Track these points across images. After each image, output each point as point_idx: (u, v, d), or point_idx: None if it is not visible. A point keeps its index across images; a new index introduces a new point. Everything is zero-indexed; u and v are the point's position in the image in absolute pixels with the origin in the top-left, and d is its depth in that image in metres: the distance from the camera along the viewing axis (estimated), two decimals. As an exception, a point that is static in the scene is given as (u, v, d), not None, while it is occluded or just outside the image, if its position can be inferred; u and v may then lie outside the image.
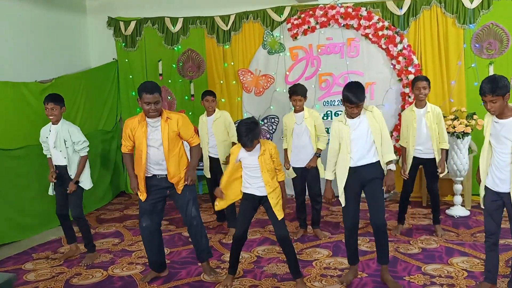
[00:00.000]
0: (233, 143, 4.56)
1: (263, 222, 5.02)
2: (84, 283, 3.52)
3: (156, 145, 3.25)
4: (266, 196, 3.19)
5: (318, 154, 4.28)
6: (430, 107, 4.19)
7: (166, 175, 3.31)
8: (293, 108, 4.41)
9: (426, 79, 4.22)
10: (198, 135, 3.91)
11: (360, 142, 3.14)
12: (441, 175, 4.19)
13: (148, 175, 3.33)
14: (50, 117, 3.82)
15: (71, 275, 3.68)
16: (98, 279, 3.58)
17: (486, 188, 2.97)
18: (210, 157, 4.70)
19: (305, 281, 3.36)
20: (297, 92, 4.25)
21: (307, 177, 4.34)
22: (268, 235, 4.56)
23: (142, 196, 3.34)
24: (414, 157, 4.20)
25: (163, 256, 3.60)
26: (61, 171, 3.89)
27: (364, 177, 3.16)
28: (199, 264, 3.62)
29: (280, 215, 3.19)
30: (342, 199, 3.24)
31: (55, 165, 3.91)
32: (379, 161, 3.18)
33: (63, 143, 3.83)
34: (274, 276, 3.50)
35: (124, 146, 3.38)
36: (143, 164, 3.26)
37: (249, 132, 3.03)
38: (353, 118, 3.16)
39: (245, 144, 3.07)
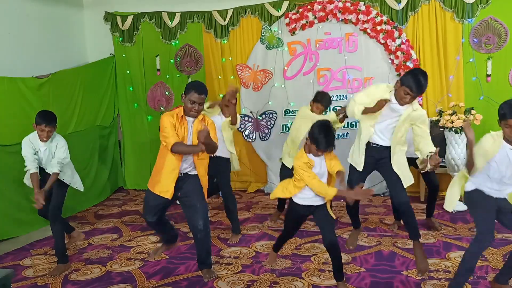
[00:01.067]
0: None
1: (261, 218, 5.03)
2: (82, 278, 3.52)
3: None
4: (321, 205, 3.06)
5: None
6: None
7: (183, 173, 3.27)
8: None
9: None
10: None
11: None
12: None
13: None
14: (44, 139, 3.58)
15: (70, 270, 3.68)
16: (96, 274, 3.58)
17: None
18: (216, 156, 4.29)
19: (303, 276, 3.37)
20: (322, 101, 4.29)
21: None
22: (266, 230, 4.57)
23: (170, 194, 3.21)
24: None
25: (174, 230, 3.70)
26: (45, 175, 3.71)
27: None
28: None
29: (333, 216, 3.16)
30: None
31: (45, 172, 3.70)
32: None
33: (50, 157, 3.66)
34: (272, 271, 3.51)
35: (173, 138, 3.12)
36: (179, 160, 3.20)
37: (328, 134, 2.87)
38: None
39: (325, 149, 2.90)
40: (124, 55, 6.63)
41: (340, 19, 5.84)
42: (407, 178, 3.41)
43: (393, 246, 3.94)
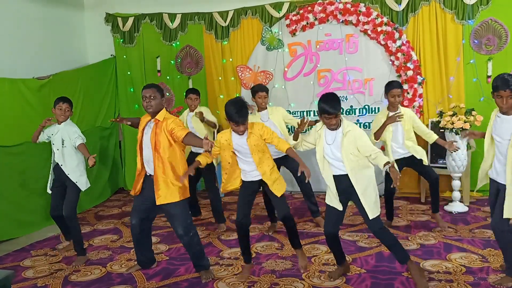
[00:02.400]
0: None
1: (261, 219, 5.02)
2: (83, 279, 3.51)
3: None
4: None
5: None
6: (402, 110, 4.18)
7: (149, 174, 3.39)
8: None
9: (400, 86, 4.23)
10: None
11: None
12: (455, 150, 4.09)
13: (147, 174, 3.42)
14: (61, 117, 3.88)
15: (70, 271, 3.68)
16: (97, 275, 3.58)
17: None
18: (193, 153, 4.68)
19: (304, 277, 3.37)
20: (262, 88, 4.40)
21: (292, 170, 4.42)
22: (266, 231, 4.56)
23: (134, 191, 3.45)
24: (396, 160, 4.19)
25: (152, 254, 3.69)
26: (59, 171, 3.88)
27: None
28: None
29: (278, 193, 3.27)
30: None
31: (56, 163, 3.91)
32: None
33: (60, 142, 3.86)
34: (273, 272, 3.50)
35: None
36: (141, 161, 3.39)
37: (240, 109, 3.04)
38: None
39: (237, 121, 3.06)
40: (124, 56, 6.64)
41: (341, 21, 5.85)
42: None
43: (393, 247, 3.93)
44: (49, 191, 4.00)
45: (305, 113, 6.07)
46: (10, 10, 5.32)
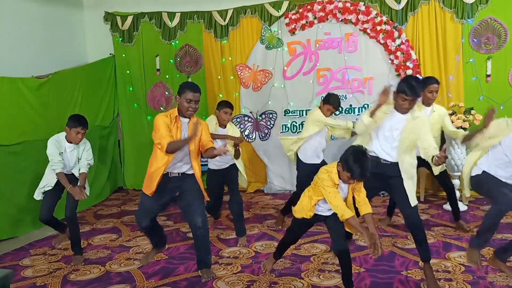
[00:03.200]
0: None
1: (261, 218, 5.02)
2: (81, 279, 3.51)
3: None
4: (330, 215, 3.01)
5: None
6: (436, 107, 4.23)
7: (180, 173, 3.29)
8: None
9: (438, 82, 4.21)
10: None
11: None
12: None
13: (174, 173, 3.27)
14: (78, 141, 3.78)
15: (69, 271, 3.68)
16: (96, 275, 3.58)
17: None
18: (211, 169, 4.34)
19: (303, 276, 3.37)
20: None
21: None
22: (266, 230, 4.57)
23: (151, 191, 3.22)
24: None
25: (163, 231, 3.69)
26: (70, 178, 3.82)
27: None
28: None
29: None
30: None
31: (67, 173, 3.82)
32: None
33: (76, 160, 3.85)
34: (272, 271, 3.50)
35: (166, 139, 3.09)
36: (168, 161, 3.17)
37: (367, 162, 2.70)
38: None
39: (358, 179, 2.77)
40: (124, 55, 6.63)
41: (340, 19, 5.84)
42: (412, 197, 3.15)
43: (392, 246, 3.94)
44: (39, 198, 3.91)
45: (304, 112, 6.07)
46: (9, 9, 5.31)
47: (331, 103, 4.26)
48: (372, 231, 2.79)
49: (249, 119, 6.29)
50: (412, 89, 3.00)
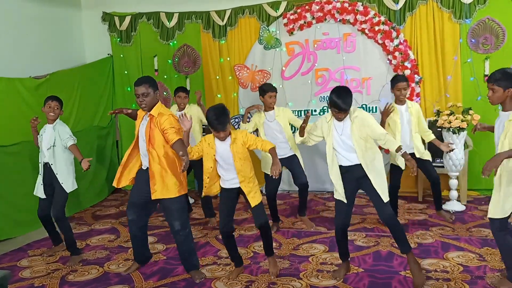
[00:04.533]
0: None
1: (259, 218, 5.01)
2: (80, 279, 3.50)
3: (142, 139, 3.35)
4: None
5: None
6: (410, 104, 4.31)
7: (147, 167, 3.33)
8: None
9: (406, 79, 4.28)
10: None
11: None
12: (451, 149, 4.14)
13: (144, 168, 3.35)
14: (50, 114, 3.81)
15: (67, 271, 3.67)
16: (94, 275, 3.57)
17: None
18: None
19: (301, 276, 3.37)
20: (271, 88, 4.42)
21: (291, 168, 4.43)
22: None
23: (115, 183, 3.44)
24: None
25: (148, 252, 3.67)
26: (49, 169, 3.84)
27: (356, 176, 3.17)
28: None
29: (253, 202, 3.23)
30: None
31: (45, 163, 3.86)
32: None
33: (52, 142, 3.82)
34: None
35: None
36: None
37: (219, 116, 3.03)
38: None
39: (216, 128, 3.05)
40: (122, 56, 6.62)
41: (338, 20, 5.85)
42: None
43: (391, 247, 3.94)
44: (41, 195, 3.90)
45: (302, 112, 6.07)
46: (7, 8, 5.29)
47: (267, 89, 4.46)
48: (275, 163, 3.09)
49: (248, 120, 6.27)
50: (343, 102, 2.99)
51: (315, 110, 6.05)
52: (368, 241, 4.11)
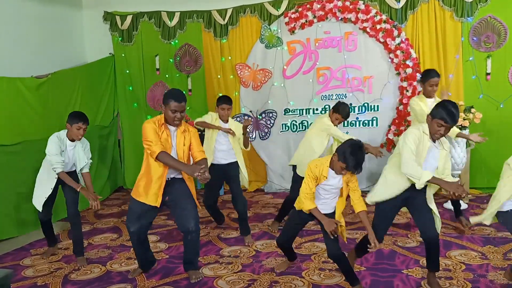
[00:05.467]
0: None
1: (261, 217, 5.02)
2: (82, 278, 3.51)
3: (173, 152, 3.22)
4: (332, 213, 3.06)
5: None
6: (438, 100, 4.20)
7: (170, 178, 3.26)
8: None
9: (439, 75, 4.21)
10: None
11: None
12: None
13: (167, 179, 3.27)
14: (79, 137, 3.72)
15: (70, 270, 3.68)
16: (96, 274, 3.58)
17: None
18: (214, 164, 4.23)
19: (303, 275, 3.37)
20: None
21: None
22: (266, 229, 4.56)
23: (158, 202, 3.20)
24: None
25: (151, 255, 3.63)
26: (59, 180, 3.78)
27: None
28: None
29: (344, 237, 3.11)
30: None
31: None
32: None
33: (77, 159, 3.80)
34: (272, 270, 3.50)
35: (157, 146, 3.08)
36: (166, 168, 3.17)
37: (362, 155, 2.77)
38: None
39: (354, 171, 2.82)
40: (123, 55, 6.63)
41: (340, 18, 5.84)
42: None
43: (393, 245, 3.94)
44: (39, 208, 3.82)
45: (304, 111, 6.07)
46: (8, 8, 5.30)
47: (340, 112, 4.12)
48: (367, 228, 2.91)
49: (249, 118, 6.29)
50: (452, 116, 2.82)
51: (316, 109, 6.05)
52: (370, 239, 4.10)
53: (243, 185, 4.44)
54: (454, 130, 4.26)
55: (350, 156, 2.73)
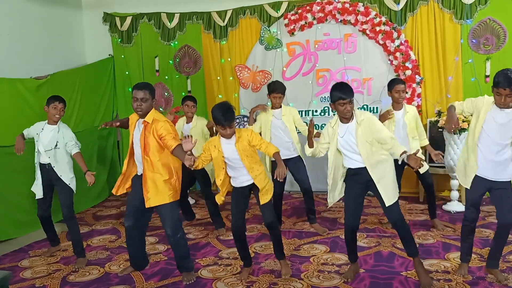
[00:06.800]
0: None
1: (260, 218, 5.01)
2: (81, 280, 3.50)
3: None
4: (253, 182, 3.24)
5: None
6: (408, 108, 4.25)
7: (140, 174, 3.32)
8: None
9: (403, 82, 4.27)
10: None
11: None
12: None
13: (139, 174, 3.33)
14: (56, 116, 3.80)
15: (68, 272, 3.67)
16: (95, 276, 3.57)
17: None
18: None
19: (303, 277, 3.37)
20: (276, 89, 4.32)
21: (294, 171, 4.38)
22: (265, 231, 4.55)
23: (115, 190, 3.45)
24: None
25: (145, 258, 3.64)
26: (48, 170, 3.82)
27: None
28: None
29: (263, 200, 3.25)
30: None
31: (41, 163, 3.85)
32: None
33: (53, 143, 3.79)
34: (271, 272, 3.50)
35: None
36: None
37: (225, 112, 3.04)
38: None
39: (223, 124, 3.05)
40: (123, 56, 6.63)
41: (339, 20, 5.85)
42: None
43: (392, 247, 3.94)
44: (39, 195, 3.87)
45: (303, 112, 6.07)
46: (8, 9, 5.30)
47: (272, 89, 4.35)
48: (280, 167, 3.10)
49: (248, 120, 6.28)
50: (347, 92, 3.00)
51: (316, 111, 6.05)
52: (370, 241, 4.10)
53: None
54: (424, 141, 4.31)
55: (219, 113, 3.03)
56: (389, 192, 3.08)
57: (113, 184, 6.46)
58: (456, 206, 5.00)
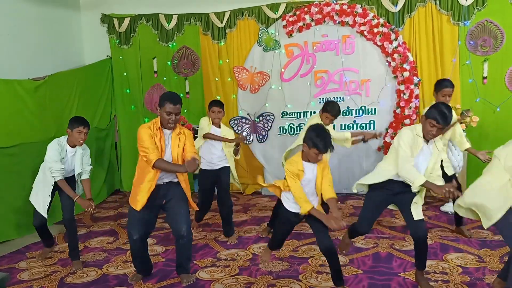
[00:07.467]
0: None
1: (258, 220, 5.01)
2: (78, 281, 3.49)
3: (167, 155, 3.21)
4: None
5: None
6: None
7: (165, 182, 3.26)
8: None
9: (452, 85, 4.08)
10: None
11: None
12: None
13: (159, 183, 3.24)
14: (80, 142, 3.65)
15: (65, 273, 3.66)
16: (92, 277, 3.56)
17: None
18: (203, 170, 4.33)
19: (301, 278, 3.37)
20: (328, 110, 4.10)
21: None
22: (261, 233, 4.55)
23: (139, 206, 3.18)
24: None
25: (150, 262, 3.62)
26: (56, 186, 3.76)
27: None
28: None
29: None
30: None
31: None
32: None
33: (78, 165, 3.77)
34: (269, 273, 3.49)
35: (154, 154, 3.06)
36: (157, 174, 3.16)
37: (326, 138, 2.83)
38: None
39: (322, 151, 2.84)
40: (121, 57, 6.62)
41: (337, 22, 5.86)
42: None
43: (390, 248, 3.94)
44: (44, 214, 3.77)
45: (301, 114, 6.08)
46: (5, 10, 5.29)
47: (328, 111, 4.10)
48: (336, 215, 2.83)
49: (247, 121, 6.29)
50: (444, 117, 2.89)
51: (314, 112, 6.05)
52: (367, 242, 4.10)
53: (238, 189, 4.47)
54: (464, 144, 4.19)
55: (317, 139, 2.81)
56: (420, 207, 3.07)
57: (111, 186, 6.56)
58: (453, 207, 5.00)
